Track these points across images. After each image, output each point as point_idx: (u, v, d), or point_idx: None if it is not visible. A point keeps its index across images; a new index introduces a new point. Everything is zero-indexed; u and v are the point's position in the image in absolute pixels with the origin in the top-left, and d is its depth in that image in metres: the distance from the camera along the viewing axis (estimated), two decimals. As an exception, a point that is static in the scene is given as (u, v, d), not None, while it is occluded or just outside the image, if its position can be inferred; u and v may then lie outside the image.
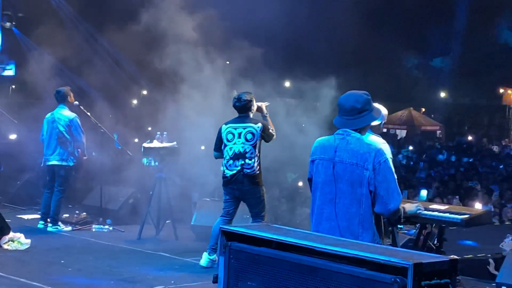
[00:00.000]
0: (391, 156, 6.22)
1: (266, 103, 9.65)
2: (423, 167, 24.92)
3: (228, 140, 9.17)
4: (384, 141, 6.50)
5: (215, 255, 9.14)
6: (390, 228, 6.65)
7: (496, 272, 9.33)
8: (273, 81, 13.71)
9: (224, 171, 9.29)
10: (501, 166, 25.90)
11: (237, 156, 9.07)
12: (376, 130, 6.66)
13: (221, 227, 4.68)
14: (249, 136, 9.08)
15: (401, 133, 39.14)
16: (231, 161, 9.13)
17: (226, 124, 9.31)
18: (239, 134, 9.10)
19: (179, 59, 12.98)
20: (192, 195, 13.90)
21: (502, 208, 17.78)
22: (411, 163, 25.14)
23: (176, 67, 13.01)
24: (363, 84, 11.28)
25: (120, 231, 11.75)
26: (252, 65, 13.85)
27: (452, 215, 6.58)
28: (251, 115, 9.33)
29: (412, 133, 39.55)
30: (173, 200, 11.90)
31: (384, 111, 6.84)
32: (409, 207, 5.74)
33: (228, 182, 9.24)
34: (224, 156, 9.22)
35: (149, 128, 17.13)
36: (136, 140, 16.64)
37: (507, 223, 17.16)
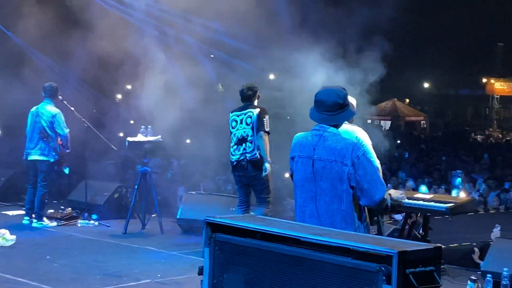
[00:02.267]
0: (370, 142, 6.24)
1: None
2: (408, 157, 25.00)
3: (232, 128, 9.65)
4: (361, 129, 6.52)
5: None
6: (375, 218, 6.67)
7: (479, 261, 9.37)
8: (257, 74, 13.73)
9: (230, 158, 9.69)
10: (485, 155, 26.01)
11: (240, 141, 9.52)
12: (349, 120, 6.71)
13: (205, 219, 4.67)
14: (248, 120, 9.51)
15: (386, 124, 39.23)
16: (235, 147, 9.59)
17: (232, 112, 9.77)
18: (241, 120, 9.55)
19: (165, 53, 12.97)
20: (178, 188, 13.90)
21: (487, 196, 17.89)
22: (396, 154, 25.18)
23: (163, 61, 13.00)
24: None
25: (106, 226, 11.73)
26: (236, 59, 13.86)
27: (437, 204, 6.63)
28: (255, 103, 9.71)
29: (396, 123, 39.67)
30: (158, 194, 11.88)
31: (354, 101, 6.90)
32: (394, 193, 5.75)
33: (234, 168, 9.65)
34: (231, 143, 9.67)
35: (132, 122, 17.08)
36: (121, 134, 16.60)
37: (492, 211, 17.30)
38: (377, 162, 6.63)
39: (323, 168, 5.16)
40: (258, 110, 9.51)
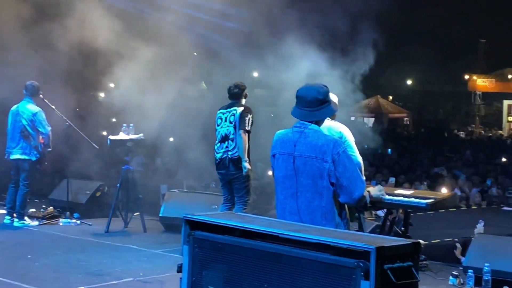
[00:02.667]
0: (353, 138, 6.27)
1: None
2: (391, 154, 25.09)
3: (217, 125, 9.67)
4: (344, 125, 6.54)
5: None
6: (356, 215, 6.69)
7: (461, 257, 9.42)
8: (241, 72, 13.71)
9: (214, 155, 9.72)
10: (467, 152, 26.15)
11: (223, 139, 9.54)
12: (332, 117, 6.74)
13: (184, 216, 4.66)
14: (231, 118, 9.51)
15: (369, 121, 39.33)
16: (218, 144, 9.62)
17: (219, 109, 9.78)
18: (225, 118, 9.57)
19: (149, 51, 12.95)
20: (161, 186, 13.88)
21: (469, 192, 17.99)
22: (379, 151, 25.26)
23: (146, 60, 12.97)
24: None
25: (88, 225, 11.69)
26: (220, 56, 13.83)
27: (417, 200, 6.64)
28: (243, 102, 9.69)
29: (380, 120, 39.78)
30: (141, 192, 11.85)
31: (336, 98, 6.93)
32: (373, 191, 5.76)
33: (217, 166, 9.67)
34: (216, 141, 9.69)
35: (113, 120, 17.02)
36: (104, 133, 16.54)
37: (474, 207, 17.40)
38: (360, 159, 6.66)
39: (304, 164, 5.17)
40: (241, 108, 9.50)
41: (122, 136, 11.48)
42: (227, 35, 14.21)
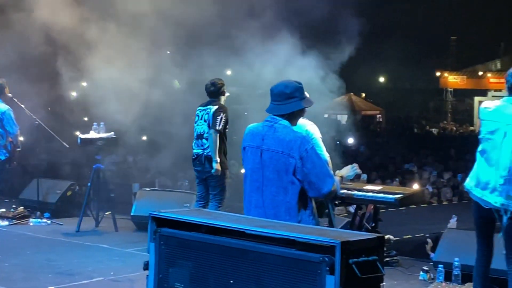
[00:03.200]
0: (320, 136, 6.28)
1: (227, 94, 9.86)
2: (363, 150, 25.21)
3: (195, 122, 9.70)
4: (311, 122, 6.55)
5: None
6: (326, 211, 6.71)
7: (431, 253, 9.48)
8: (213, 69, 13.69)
9: (192, 151, 9.75)
10: (440, 148, 26.35)
11: (198, 137, 9.60)
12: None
13: (150, 213, 4.65)
14: (206, 117, 9.53)
15: (342, 118, 39.49)
16: (195, 141, 9.67)
17: (199, 106, 9.78)
18: (201, 116, 9.58)
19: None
20: (133, 185, 13.83)
21: (440, 188, 18.14)
22: (352, 148, 25.38)
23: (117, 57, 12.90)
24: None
25: (59, 224, 11.60)
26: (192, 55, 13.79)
27: (386, 195, 6.68)
28: (222, 100, 9.68)
29: (353, 118, 39.91)
30: (112, 191, 11.80)
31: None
32: (347, 171, 5.80)
33: (193, 162, 9.70)
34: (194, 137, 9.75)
35: (85, 119, 16.95)
36: (78, 133, 16.45)
37: (445, 203, 17.56)
38: (327, 155, 6.69)
39: (270, 158, 5.19)
40: (216, 107, 9.48)
41: (92, 134, 11.40)
42: (200, 32, 14.19)
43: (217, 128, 9.37)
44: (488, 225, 6.42)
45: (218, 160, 9.42)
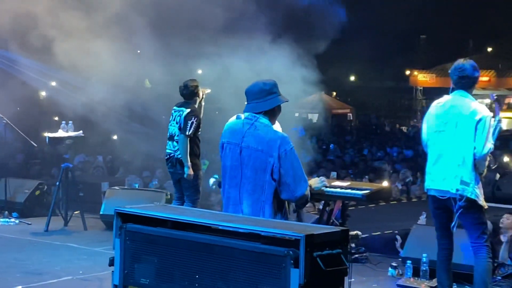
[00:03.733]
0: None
1: (207, 90, 9.82)
2: (334, 149, 25.27)
3: (169, 122, 9.62)
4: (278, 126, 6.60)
5: None
6: (294, 208, 6.72)
7: (400, 249, 9.55)
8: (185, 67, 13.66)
9: (165, 150, 9.69)
10: (409, 146, 26.49)
11: (170, 138, 9.53)
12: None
13: (115, 209, 4.64)
14: (178, 119, 9.44)
15: (313, 117, 39.60)
16: (167, 141, 9.59)
17: (175, 105, 9.66)
18: (175, 117, 9.48)
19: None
20: (102, 184, 13.75)
21: (410, 186, 18.23)
22: (324, 146, 25.45)
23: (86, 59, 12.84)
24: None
25: (27, 224, 11.52)
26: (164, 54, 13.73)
27: (354, 191, 6.69)
28: (197, 101, 9.58)
29: (324, 116, 40.02)
30: (81, 190, 11.75)
31: None
32: (314, 183, 5.83)
33: (166, 162, 9.64)
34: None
35: (56, 118, 16.85)
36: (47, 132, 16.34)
37: (414, 200, 17.66)
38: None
39: (249, 156, 5.20)
40: (188, 110, 9.38)
41: (60, 133, 11.34)
42: (170, 31, 14.15)
43: (187, 133, 9.28)
44: (445, 215, 6.58)
45: (190, 164, 9.38)
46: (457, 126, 6.42)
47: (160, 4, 12.88)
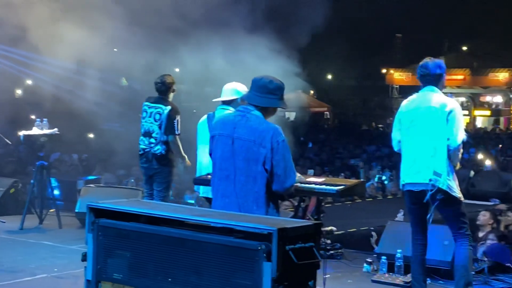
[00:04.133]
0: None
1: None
2: (311, 146, 25.37)
3: (142, 117, 9.43)
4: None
5: None
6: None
7: (375, 246, 9.60)
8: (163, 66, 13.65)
9: (139, 145, 9.50)
10: (385, 144, 26.62)
11: (146, 134, 9.33)
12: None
13: (88, 204, 4.63)
14: (157, 117, 9.26)
15: (291, 115, 39.69)
16: (142, 137, 9.40)
17: (146, 100, 9.49)
18: (151, 113, 9.31)
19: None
20: (77, 182, 13.72)
21: (384, 183, 18.35)
22: (300, 144, 25.53)
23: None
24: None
25: (1, 222, 11.43)
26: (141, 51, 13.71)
27: (328, 187, 6.73)
28: (170, 97, 9.46)
29: (301, 115, 40.12)
30: (57, 187, 11.69)
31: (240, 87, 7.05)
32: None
33: (140, 157, 9.46)
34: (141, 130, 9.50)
35: (32, 117, 16.76)
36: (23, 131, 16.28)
37: (390, 197, 17.78)
38: None
39: (241, 147, 5.20)
40: (169, 108, 9.26)
41: (35, 131, 11.27)
42: (147, 29, 14.12)
43: (177, 133, 9.24)
44: (421, 210, 6.65)
45: (185, 156, 9.39)
46: (427, 119, 6.49)
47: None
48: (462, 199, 6.57)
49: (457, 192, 6.46)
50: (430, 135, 6.45)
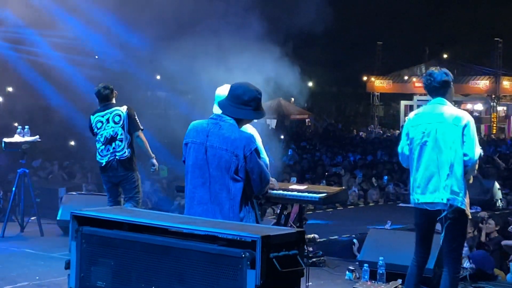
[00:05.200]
0: (260, 140, 6.45)
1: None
2: (292, 154, 25.39)
3: (98, 128, 9.31)
4: (252, 127, 6.69)
5: None
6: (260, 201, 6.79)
7: (358, 253, 9.63)
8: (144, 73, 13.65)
9: (98, 160, 9.37)
10: (367, 151, 26.72)
11: (108, 141, 9.20)
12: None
13: (71, 212, 4.62)
14: (116, 119, 9.23)
15: (271, 122, 39.73)
16: (103, 147, 9.25)
17: (93, 114, 9.43)
18: (107, 119, 9.26)
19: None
20: (59, 189, 13.64)
21: (367, 190, 18.40)
22: (281, 151, 25.53)
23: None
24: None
25: (-18, 230, 11.38)
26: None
27: (310, 194, 6.77)
28: (114, 101, 9.46)
29: (282, 122, 40.20)
30: (38, 195, 11.64)
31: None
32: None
33: (104, 169, 9.33)
34: (97, 145, 9.33)
35: (15, 124, 16.68)
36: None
37: (371, 204, 17.83)
38: (267, 159, 6.80)
39: (214, 155, 5.22)
40: (125, 108, 9.31)
41: (17, 138, 11.23)
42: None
43: (142, 127, 9.31)
44: (430, 227, 6.50)
45: (153, 156, 9.39)
46: (441, 135, 6.25)
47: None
48: (470, 217, 6.47)
49: (468, 210, 6.28)
50: (446, 152, 6.20)
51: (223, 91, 7.98)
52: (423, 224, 6.52)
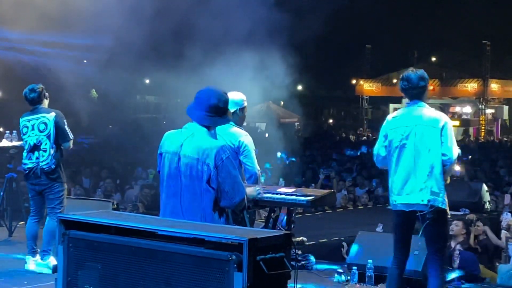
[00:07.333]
0: (254, 147, 6.45)
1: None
2: (280, 157, 25.38)
3: (24, 134, 8.88)
4: (247, 133, 6.70)
5: (49, 257, 8.89)
6: (241, 215, 6.77)
7: (347, 256, 9.64)
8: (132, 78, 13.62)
9: (22, 166, 9.01)
10: (357, 153, 26.77)
11: (31, 149, 8.77)
12: (241, 122, 6.91)
13: (58, 216, 4.61)
14: (41, 127, 8.73)
15: (261, 126, 39.73)
16: (28, 154, 8.85)
17: (22, 117, 8.96)
18: (33, 126, 8.75)
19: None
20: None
21: (355, 193, 18.42)
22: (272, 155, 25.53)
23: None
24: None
25: (-29, 235, 11.34)
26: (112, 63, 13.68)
27: (298, 197, 6.79)
28: (45, 105, 8.94)
29: (272, 125, 40.17)
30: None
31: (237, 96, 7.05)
32: (250, 191, 5.84)
33: (27, 176, 8.92)
34: (24, 150, 8.98)
35: (1, 129, 16.65)
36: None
37: (360, 207, 17.83)
38: (257, 168, 6.79)
39: (186, 165, 5.21)
40: (53, 115, 8.73)
41: (4, 143, 11.19)
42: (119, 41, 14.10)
43: (71, 137, 8.85)
44: (409, 228, 6.59)
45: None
46: (420, 137, 6.33)
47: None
48: (449, 216, 6.54)
49: (448, 211, 6.39)
50: (424, 154, 6.29)
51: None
52: (400, 226, 6.62)
